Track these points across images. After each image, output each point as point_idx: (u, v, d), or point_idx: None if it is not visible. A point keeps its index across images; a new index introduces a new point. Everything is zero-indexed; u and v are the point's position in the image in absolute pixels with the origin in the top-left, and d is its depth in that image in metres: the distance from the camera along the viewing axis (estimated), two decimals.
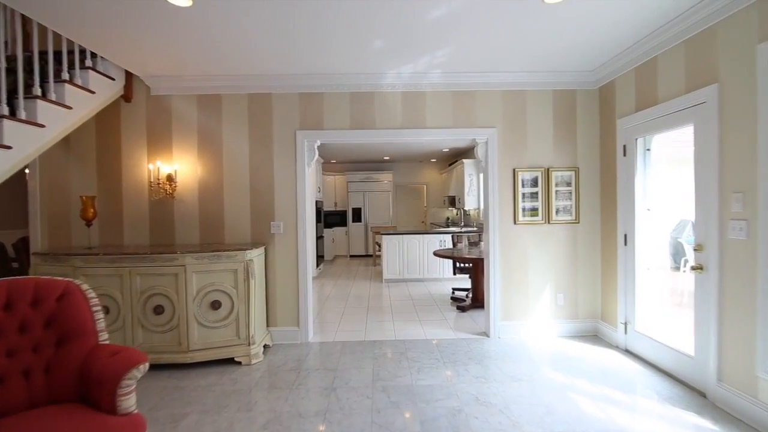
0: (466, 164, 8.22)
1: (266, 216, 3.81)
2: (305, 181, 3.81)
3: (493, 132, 3.82)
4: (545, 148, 3.87)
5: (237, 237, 3.81)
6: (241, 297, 3.31)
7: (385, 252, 6.81)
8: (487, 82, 3.78)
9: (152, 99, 3.79)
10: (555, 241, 3.88)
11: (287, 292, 3.82)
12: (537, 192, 3.86)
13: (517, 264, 3.87)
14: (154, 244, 3.79)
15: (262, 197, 3.81)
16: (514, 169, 3.85)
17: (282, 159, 3.81)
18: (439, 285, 6.52)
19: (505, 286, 3.87)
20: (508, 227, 3.87)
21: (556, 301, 3.89)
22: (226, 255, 3.28)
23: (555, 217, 3.86)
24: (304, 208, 3.80)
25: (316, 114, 3.81)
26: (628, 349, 3.45)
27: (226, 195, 3.81)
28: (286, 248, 3.81)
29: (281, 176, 3.81)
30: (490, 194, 3.83)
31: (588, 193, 3.88)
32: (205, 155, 3.81)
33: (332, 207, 10.58)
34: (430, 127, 3.82)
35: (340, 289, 6.38)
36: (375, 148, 8.35)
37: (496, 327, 3.86)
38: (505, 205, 3.86)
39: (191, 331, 3.22)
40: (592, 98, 3.85)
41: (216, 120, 3.80)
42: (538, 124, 3.85)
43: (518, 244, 3.87)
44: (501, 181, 3.85)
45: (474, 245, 5.90)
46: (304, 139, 3.79)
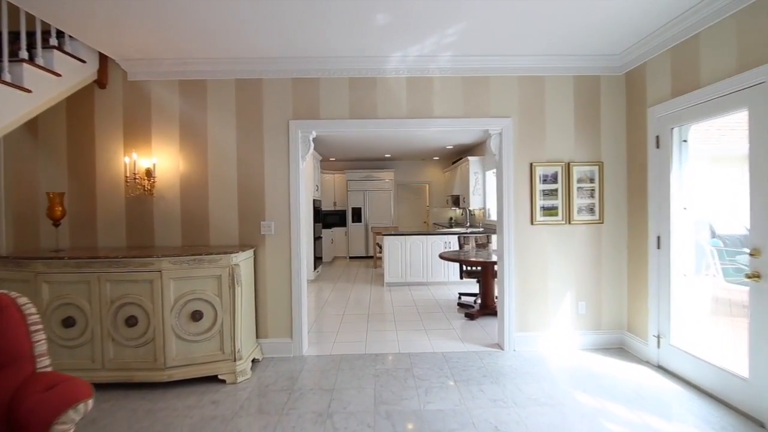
0: (472, 162, 7.84)
1: (256, 215, 3.43)
2: (299, 177, 3.43)
3: (508, 122, 3.44)
4: (565, 141, 3.49)
5: (223, 238, 3.43)
6: (225, 306, 2.92)
7: (387, 254, 6.43)
8: (501, 67, 3.40)
9: (129, 85, 3.41)
10: (576, 243, 3.50)
11: (279, 299, 3.44)
12: (556, 189, 3.48)
13: (534, 269, 3.49)
14: (131, 246, 3.40)
15: (251, 194, 3.43)
16: (531, 164, 3.47)
17: (273, 152, 3.43)
18: (444, 289, 6.13)
19: (520, 293, 3.49)
20: (525, 228, 3.49)
21: (577, 310, 3.51)
22: (209, 259, 2.90)
23: (576, 216, 3.48)
24: (298, 206, 3.42)
25: (311, 102, 3.43)
26: (662, 366, 3.07)
27: (211, 192, 3.43)
28: (278, 251, 3.43)
29: (273, 171, 3.43)
30: (505, 191, 3.45)
31: (613, 190, 3.49)
32: (187, 148, 3.43)
33: (331, 207, 10.20)
34: (438, 116, 3.44)
35: (338, 293, 5.99)
36: (375, 145, 7.97)
37: (511, 339, 3.47)
38: (521, 204, 3.48)
39: (168, 345, 2.83)
40: (617, 85, 3.47)
41: (200, 108, 3.42)
42: (557, 113, 3.48)
43: (536, 246, 3.49)
44: (517, 176, 3.47)
45: (482, 247, 5.52)
46: (297, 129, 3.41)
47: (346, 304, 5.30)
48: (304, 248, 3.54)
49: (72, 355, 2.83)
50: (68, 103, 3.36)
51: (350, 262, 9.41)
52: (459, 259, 4.56)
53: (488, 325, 4.25)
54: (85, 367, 2.81)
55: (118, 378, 2.82)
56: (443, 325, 4.28)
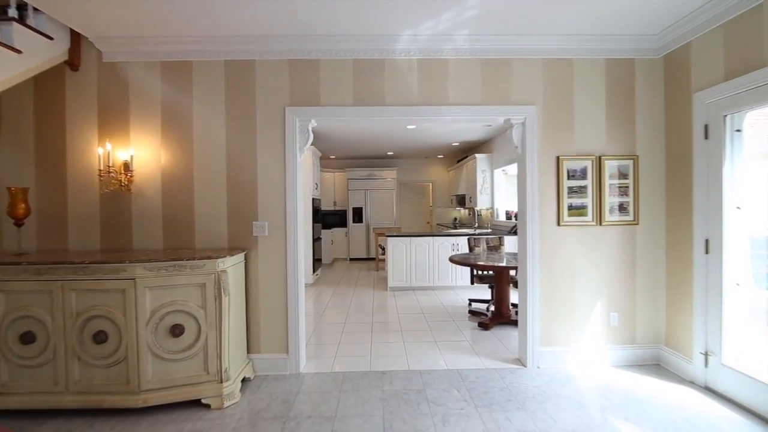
0: (479, 159, 7.47)
1: (247, 214, 3.04)
2: (296, 172, 3.04)
3: (533, 111, 3.06)
4: (596, 132, 3.10)
5: (210, 241, 3.03)
6: (210, 319, 2.53)
7: (391, 256, 6.04)
8: (524, 48, 3.01)
9: (105, 67, 3.01)
10: (607, 246, 3.11)
11: (273, 309, 3.05)
12: (586, 186, 3.09)
13: (560, 275, 3.10)
14: (105, 249, 3.01)
15: (243, 191, 3.04)
16: (557, 158, 3.09)
17: (268, 143, 3.04)
18: (452, 295, 5.74)
19: (545, 302, 3.10)
20: (551, 229, 3.10)
21: (608, 322, 3.13)
22: (191, 265, 2.51)
23: (608, 216, 3.10)
24: (295, 204, 3.03)
25: (310, 87, 3.04)
26: (710, 387, 2.69)
27: (197, 188, 3.03)
28: (272, 254, 3.04)
29: (267, 165, 3.04)
30: (528, 188, 3.06)
31: (650, 188, 3.11)
32: (170, 138, 3.03)
33: (331, 206, 9.81)
34: (453, 103, 3.06)
35: (339, 298, 5.60)
36: (378, 142, 7.59)
37: (535, 354, 3.09)
38: (546, 202, 3.10)
39: (143, 365, 2.44)
40: (654, 69, 3.09)
41: (185, 93, 3.03)
42: (587, 101, 3.09)
43: (562, 250, 3.10)
44: (542, 172, 3.09)
45: (494, 250, 5.13)
46: (295, 117, 3.02)
47: (348, 310, 4.90)
48: (302, 251, 3.15)
49: (32, 376, 2.44)
50: (36, 86, 2.97)
51: (351, 264, 9.02)
52: (474, 263, 4.17)
53: (504, 335, 3.86)
54: (46, 389, 2.42)
55: (84, 403, 2.42)
56: (455, 335, 3.89)
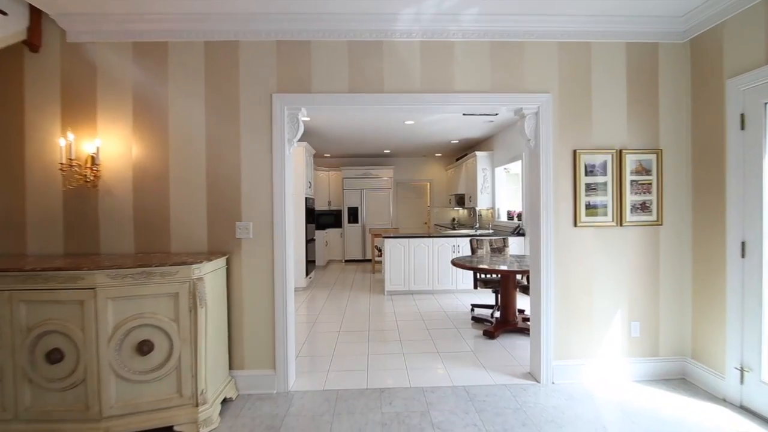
0: (480, 157, 7.20)
1: (229, 214, 2.72)
2: (285, 166, 2.72)
3: (547, 99, 2.76)
4: (616, 123, 2.82)
5: (188, 244, 2.70)
6: (184, 334, 2.21)
7: (388, 259, 5.73)
8: (538, 30, 2.72)
9: (69, 48, 2.68)
10: (628, 249, 2.83)
11: (259, 320, 2.73)
12: (605, 182, 2.81)
13: (577, 281, 2.82)
14: (69, 254, 2.67)
15: (224, 188, 2.72)
16: (574, 151, 2.80)
17: (253, 134, 2.72)
18: (452, 299, 5.45)
19: (560, 311, 2.81)
20: (567, 231, 2.81)
21: (629, 332, 2.84)
22: (161, 272, 2.18)
23: (629, 216, 2.82)
24: (283, 202, 2.71)
25: (300, 71, 2.72)
26: (745, 406, 2.41)
27: (173, 185, 2.71)
28: (258, 259, 2.72)
29: (251, 158, 2.72)
30: (543, 185, 2.77)
31: (675, 184, 2.83)
32: (143, 128, 2.70)
33: (325, 206, 9.48)
34: (459, 91, 2.76)
35: (333, 302, 5.28)
36: (374, 139, 7.28)
37: (549, 368, 2.79)
38: (562, 200, 2.81)
39: (105, 388, 2.11)
40: (679, 54, 2.82)
41: (159, 78, 2.70)
42: (606, 89, 2.81)
43: (579, 253, 2.81)
44: (557, 167, 2.79)
45: (497, 252, 4.84)
46: (283, 105, 2.70)
47: (343, 317, 4.59)
48: (291, 254, 2.83)
49: None
50: None
51: (346, 266, 8.70)
52: (479, 267, 3.87)
53: (512, 345, 3.57)
54: None
55: None
56: (459, 345, 3.59)
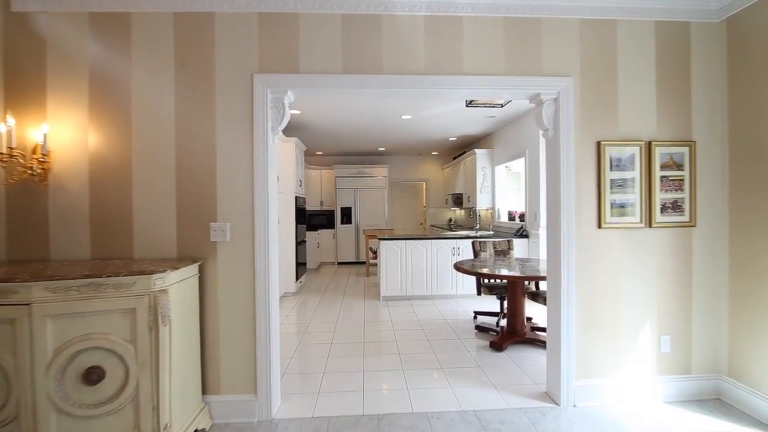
0: (479, 155, 6.89)
1: (203, 214, 2.34)
2: (268, 159, 2.35)
3: (568, 84, 2.44)
4: (645, 111, 2.50)
5: (154, 248, 2.32)
6: (143, 358, 1.83)
7: (384, 262, 5.37)
8: (558, 4, 2.39)
9: (14, 18, 2.28)
10: (658, 253, 2.51)
11: (238, 336, 2.35)
12: (633, 178, 2.49)
13: (602, 290, 2.49)
14: (12, 260, 2.27)
15: (197, 183, 2.34)
16: (598, 143, 2.47)
17: (230, 121, 2.34)
18: (452, 305, 5.11)
19: (582, 324, 2.48)
20: (590, 233, 2.48)
21: (659, 347, 2.53)
22: (115, 283, 1.80)
23: (659, 217, 2.50)
24: (265, 200, 2.34)
25: (286, 48, 2.36)
26: None
27: (136, 180, 2.32)
28: (236, 265, 2.34)
29: (229, 149, 2.34)
30: (563, 182, 2.44)
31: (709, 180, 2.53)
32: (101, 113, 2.31)
33: (317, 206, 9.10)
34: (469, 73, 2.41)
35: (325, 310, 4.91)
36: (368, 136, 6.92)
37: (570, 389, 2.46)
38: (584, 199, 2.48)
39: (44, 425, 1.72)
40: (714, 35, 2.51)
41: (121, 55, 2.31)
42: (633, 72, 2.49)
43: (604, 258, 2.49)
44: (579, 160, 2.47)
45: (502, 255, 4.52)
46: (266, 88, 2.33)
47: (335, 326, 4.22)
48: (276, 259, 2.46)
49: None
50: None
51: (339, 269, 8.32)
52: (487, 273, 3.52)
53: (522, 358, 3.23)
54: None
55: None
56: (464, 359, 3.24)
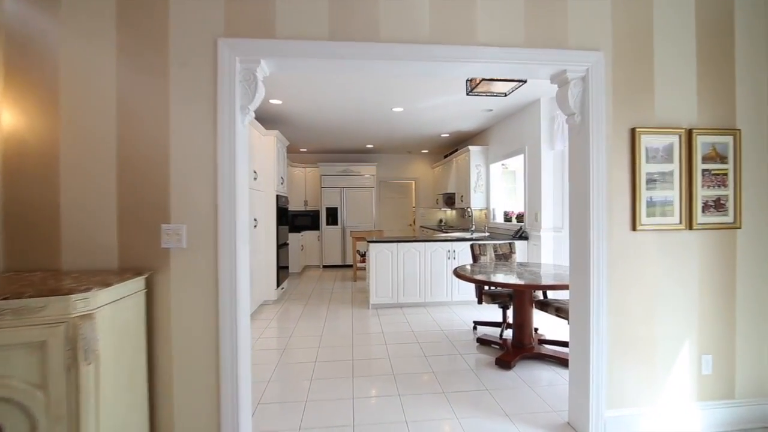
0: (473, 152, 6.52)
1: (152, 214, 1.86)
2: (236, 146, 1.88)
3: (598, 59, 2.06)
4: (684, 94, 2.15)
5: (88, 257, 1.82)
6: (57, 409, 1.34)
7: (373, 267, 4.93)
8: None
9: None
10: (698, 260, 2.16)
11: (197, 368, 1.87)
12: (672, 171, 2.13)
13: (635, 303, 2.12)
14: None
15: (145, 176, 1.85)
16: (632, 130, 2.10)
17: (188, 98, 1.87)
18: (448, 313, 4.71)
19: (615, 344, 2.10)
20: (622, 236, 2.11)
21: (699, 369, 2.17)
22: (15, 308, 1.31)
23: (700, 217, 2.15)
24: (232, 196, 1.87)
25: (260, 7, 1.90)
26: None
27: (65, 170, 1.82)
28: (195, 278, 1.87)
29: (186, 134, 1.87)
30: (593, 175, 2.05)
31: (757, 175, 2.19)
32: (19, 85, 1.81)
33: (301, 206, 8.60)
34: (483, 43, 2.00)
35: (309, 320, 4.44)
36: (356, 131, 6.48)
37: (600, 421, 2.07)
38: (616, 196, 2.10)
39: None
40: (762, 10, 2.17)
41: (46, 14, 1.81)
42: (671, 48, 2.13)
43: (638, 266, 2.12)
44: (611, 150, 2.09)
45: (503, 259, 4.14)
46: (234, 57, 1.87)
47: (320, 341, 3.75)
48: (246, 269, 2.00)
49: None
50: None
51: (324, 273, 7.83)
52: (500, 282, 3.11)
53: (534, 378, 2.85)
54: None
55: None
56: (468, 380, 2.84)
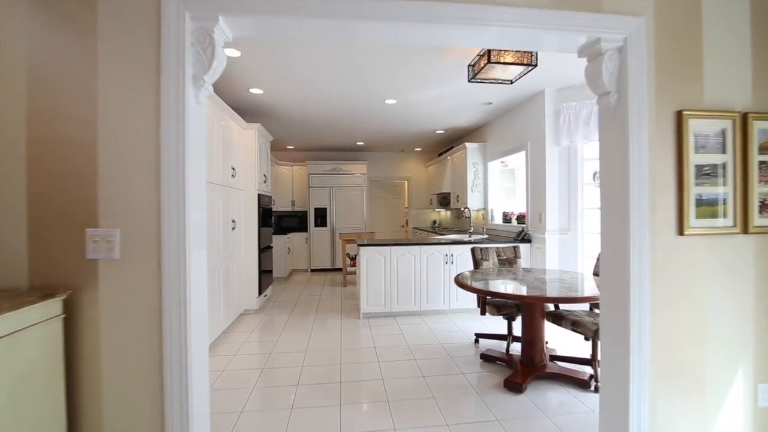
0: (470, 149, 6.17)
1: (73, 215, 1.42)
2: (187, 127, 1.46)
3: (638, 26, 1.68)
4: (737, 71, 1.79)
5: None
6: None
7: (364, 272, 4.53)
8: None
9: None
10: (754, 271, 1.80)
11: (134, 417, 1.44)
12: (724, 163, 1.77)
13: (680, 322, 1.75)
14: None
15: (64, 165, 1.42)
16: (678, 114, 1.73)
17: (122, 68, 1.44)
18: (445, 322, 4.33)
19: (658, 373, 1.73)
20: (667, 241, 1.74)
21: (755, 400, 1.81)
22: None
23: (757, 219, 1.79)
24: (181, 192, 1.45)
25: None
26: None
27: None
28: (132, 298, 1.44)
29: (119, 112, 1.44)
30: (633, 168, 1.68)
31: None
32: None
33: (288, 207, 8.14)
34: (501, 2, 1.62)
35: (293, 333, 4.00)
36: (346, 126, 6.06)
37: None
38: (659, 193, 1.73)
39: None
40: None
41: None
42: (722, 14, 1.77)
43: (685, 278, 1.75)
44: (653, 138, 1.72)
45: (507, 264, 3.78)
46: (183, 11, 1.44)
47: (304, 357, 3.33)
48: (202, 284, 1.58)
49: None
50: None
51: (312, 277, 7.39)
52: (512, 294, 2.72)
53: (550, 403, 2.48)
54: None
55: None
56: (476, 408, 2.44)
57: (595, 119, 4.02)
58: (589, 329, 2.62)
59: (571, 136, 4.19)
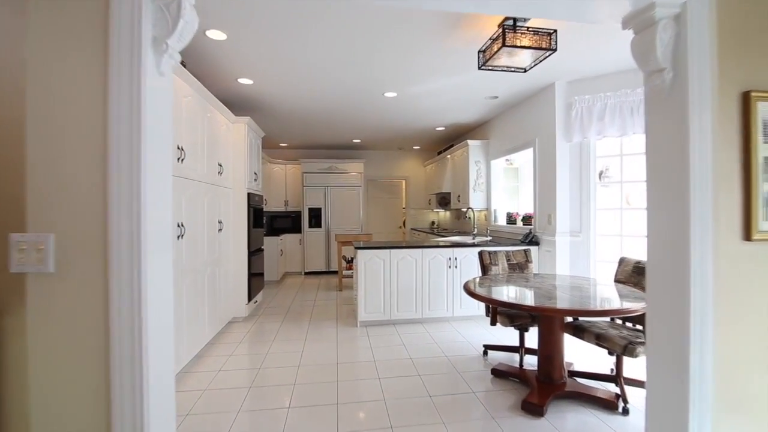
0: (472, 147, 5.89)
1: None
2: (143, 106, 1.14)
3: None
4: None
5: None
6: None
7: (362, 277, 4.22)
8: None
9: None
10: None
11: None
12: None
13: (748, 344, 1.47)
14: None
15: None
16: (745, 95, 1.45)
17: (59, 33, 1.12)
18: (449, 331, 4.03)
19: (720, 405, 1.45)
20: (731, 248, 1.45)
21: None
22: None
23: None
24: (137, 188, 1.13)
25: None
26: None
27: None
28: (71, 323, 1.12)
29: (55, 89, 1.12)
30: (693, 159, 1.39)
31: None
32: None
33: (281, 207, 7.81)
34: None
35: (284, 344, 3.68)
36: (342, 122, 5.75)
37: None
38: (722, 192, 1.44)
39: None
40: None
41: None
42: None
43: (752, 292, 1.46)
44: (715, 125, 1.43)
45: (518, 269, 3.49)
46: None
47: (296, 374, 3.01)
48: (167, 303, 1.27)
49: None
50: None
51: (306, 281, 7.06)
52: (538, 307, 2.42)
53: (572, 428, 2.19)
54: None
55: None
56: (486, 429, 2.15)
57: (609, 113, 3.75)
58: (618, 344, 2.33)
59: (584, 132, 3.92)
